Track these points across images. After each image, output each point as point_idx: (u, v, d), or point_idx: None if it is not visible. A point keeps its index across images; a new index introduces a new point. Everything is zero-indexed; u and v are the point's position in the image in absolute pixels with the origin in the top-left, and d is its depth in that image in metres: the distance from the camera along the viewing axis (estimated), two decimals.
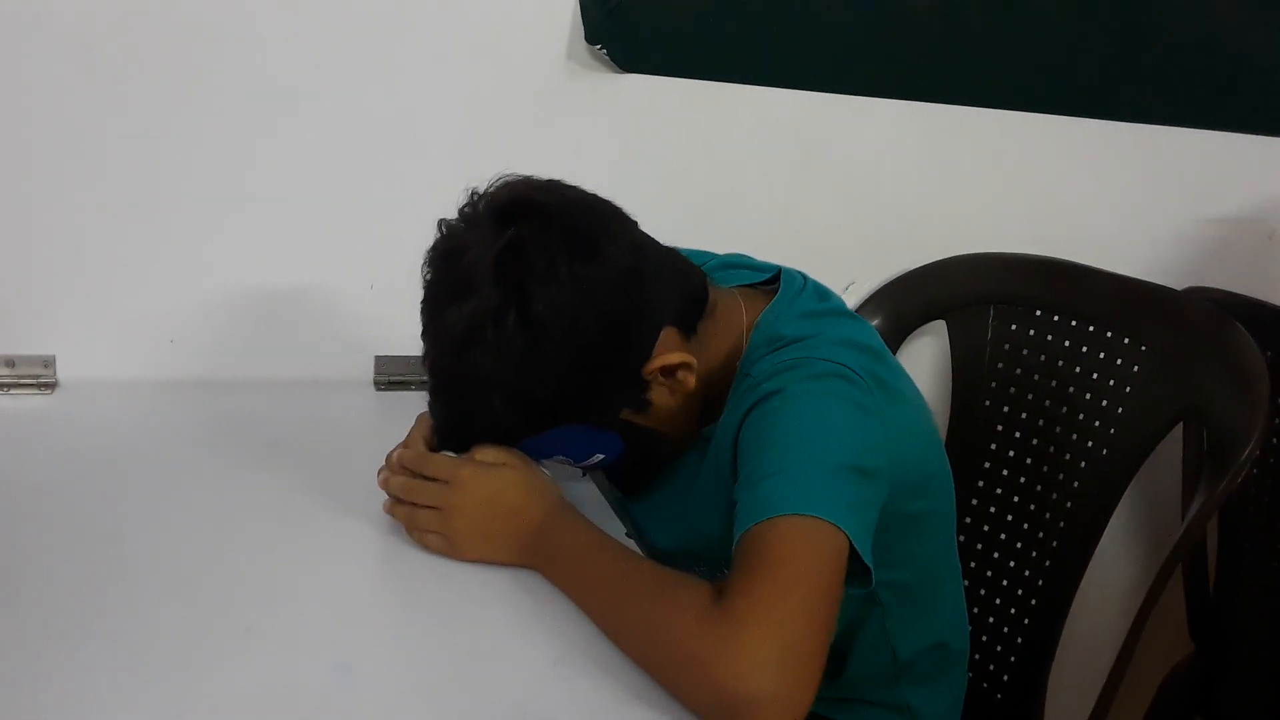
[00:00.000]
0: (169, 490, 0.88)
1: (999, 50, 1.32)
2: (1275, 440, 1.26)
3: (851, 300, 1.31)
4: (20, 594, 0.70)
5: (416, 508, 0.81)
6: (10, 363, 1.06)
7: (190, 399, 1.09)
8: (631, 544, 0.83)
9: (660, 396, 0.84)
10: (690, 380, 0.83)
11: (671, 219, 1.11)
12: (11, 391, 1.05)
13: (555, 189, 0.83)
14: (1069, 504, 1.14)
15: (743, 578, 0.66)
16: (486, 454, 0.81)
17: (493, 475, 0.81)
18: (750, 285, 0.93)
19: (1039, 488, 1.17)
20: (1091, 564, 1.12)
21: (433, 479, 0.81)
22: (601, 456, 0.85)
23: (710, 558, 0.87)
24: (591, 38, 1.15)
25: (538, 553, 0.80)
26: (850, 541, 0.69)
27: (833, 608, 0.68)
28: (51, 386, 1.07)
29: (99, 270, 1.09)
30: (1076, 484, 1.14)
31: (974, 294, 0.90)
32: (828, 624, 0.67)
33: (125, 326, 1.11)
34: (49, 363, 1.08)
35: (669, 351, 0.81)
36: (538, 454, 0.84)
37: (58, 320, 1.08)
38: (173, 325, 1.12)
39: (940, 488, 0.92)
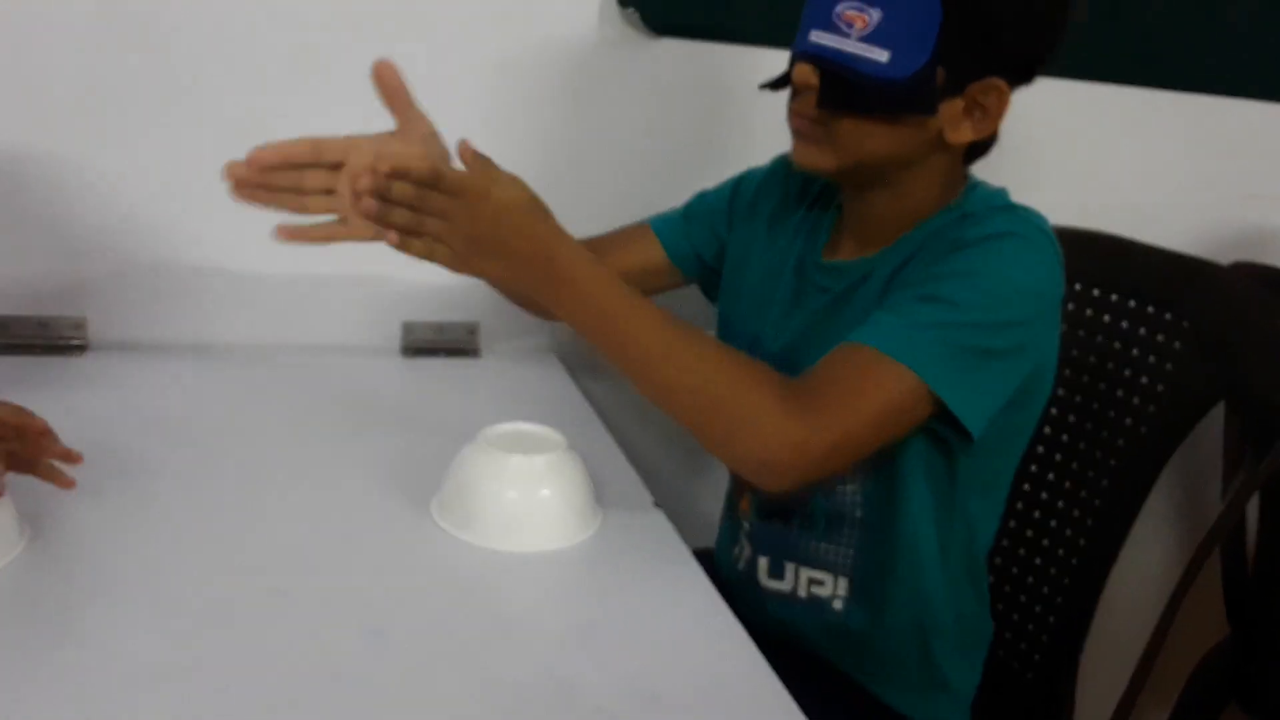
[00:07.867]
0: (197, 453, 0.89)
1: None
2: None
3: None
4: (52, 556, 0.71)
5: (422, 214, 0.74)
6: (42, 324, 1.07)
7: (219, 363, 1.09)
8: None
9: (951, 118, 0.82)
10: (986, 130, 0.83)
11: (702, 184, 1.10)
12: (43, 353, 1.06)
13: None
14: (1105, 481, 1.12)
15: (828, 385, 0.76)
16: (491, 169, 0.76)
17: (507, 189, 0.76)
18: None
19: (1075, 464, 1.15)
20: (1128, 543, 1.10)
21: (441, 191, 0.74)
22: (885, 55, 0.78)
23: None
24: (623, 0, 1.13)
25: (549, 280, 0.76)
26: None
27: (877, 434, 0.78)
28: (82, 349, 1.08)
29: (130, 233, 1.09)
30: (1114, 461, 1.12)
31: None
32: (870, 447, 0.78)
33: (156, 290, 1.11)
34: (80, 324, 1.09)
35: (1001, 105, 0.82)
36: None
37: (89, 282, 1.09)
38: (202, 289, 1.12)
39: (1028, 418, 0.90)
